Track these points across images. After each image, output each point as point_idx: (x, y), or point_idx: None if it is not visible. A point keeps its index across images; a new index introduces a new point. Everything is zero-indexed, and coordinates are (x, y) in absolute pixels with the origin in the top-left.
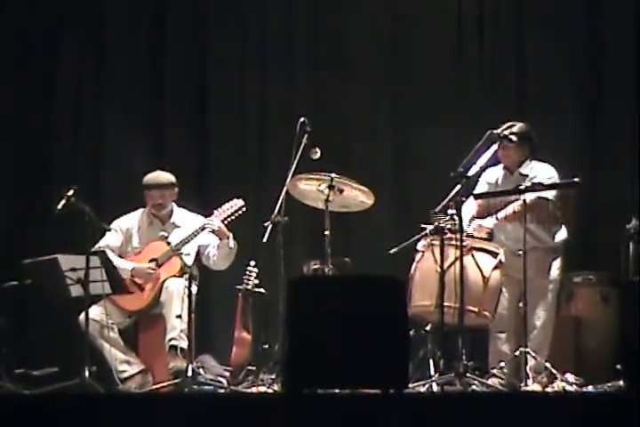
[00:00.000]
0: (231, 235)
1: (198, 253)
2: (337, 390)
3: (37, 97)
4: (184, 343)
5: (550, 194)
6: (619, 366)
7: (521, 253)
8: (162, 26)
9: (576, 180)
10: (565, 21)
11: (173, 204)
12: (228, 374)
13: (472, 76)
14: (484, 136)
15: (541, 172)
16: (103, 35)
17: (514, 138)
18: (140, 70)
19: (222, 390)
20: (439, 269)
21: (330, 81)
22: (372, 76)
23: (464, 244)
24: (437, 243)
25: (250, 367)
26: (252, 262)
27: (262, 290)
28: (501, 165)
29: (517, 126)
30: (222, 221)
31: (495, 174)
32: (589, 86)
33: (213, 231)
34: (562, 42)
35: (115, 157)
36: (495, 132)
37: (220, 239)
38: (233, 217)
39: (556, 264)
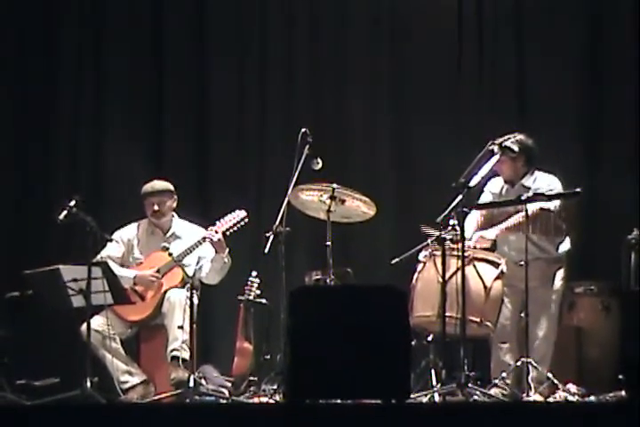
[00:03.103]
0: (227, 250)
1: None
2: (338, 401)
3: (38, 108)
4: (186, 354)
5: (553, 204)
6: (620, 376)
7: (523, 263)
8: (161, 37)
9: (577, 190)
10: (565, 27)
11: (175, 215)
12: (229, 384)
13: (472, 87)
14: (486, 147)
15: (544, 183)
16: (102, 46)
17: (515, 148)
18: (140, 81)
19: (224, 401)
20: (441, 280)
21: (330, 91)
22: (373, 87)
23: (466, 254)
24: (439, 253)
25: (251, 378)
26: (254, 273)
27: (264, 300)
28: None
29: (518, 137)
30: (224, 232)
31: (499, 184)
32: (590, 94)
33: (212, 243)
34: (562, 47)
35: (115, 167)
36: (496, 142)
37: (216, 252)
38: (235, 228)
39: (560, 275)
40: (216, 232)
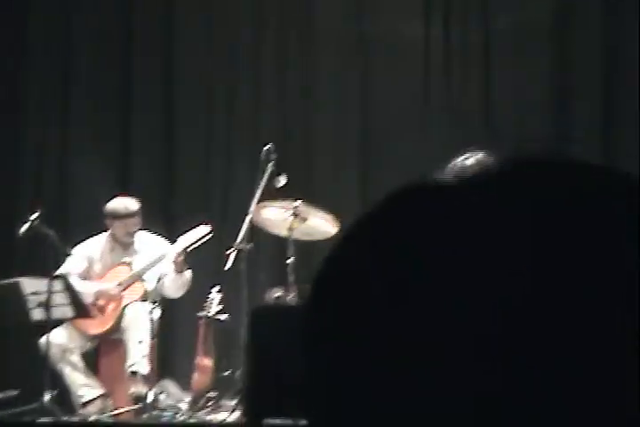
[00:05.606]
0: (187, 267)
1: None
2: (298, 420)
3: (5, 120)
4: (145, 369)
5: None
6: None
7: None
8: (127, 50)
9: None
10: (535, 56)
11: None
12: (188, 400)
13: (440, 107)
14: (445, 170)
15: None
16: (70, 49)
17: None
18: (107, 95)
19: (182, 417)
20: None
21: (297, 108)
22: (340, 104)
23: None
24: None
25: (211, 394)
26: (216, 289)
27: (225, 317)
28: None
29: (475, 158)
30: (186, 248)
31: None
32: (560, 122)
33: (173, 262)
34: (532, 75)
35: (80, 182)
36: (456, 163)
37: (176, 272)
38: (198, 243)
39: None
40: (177, 254)
